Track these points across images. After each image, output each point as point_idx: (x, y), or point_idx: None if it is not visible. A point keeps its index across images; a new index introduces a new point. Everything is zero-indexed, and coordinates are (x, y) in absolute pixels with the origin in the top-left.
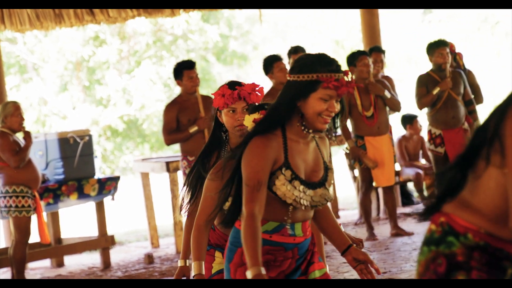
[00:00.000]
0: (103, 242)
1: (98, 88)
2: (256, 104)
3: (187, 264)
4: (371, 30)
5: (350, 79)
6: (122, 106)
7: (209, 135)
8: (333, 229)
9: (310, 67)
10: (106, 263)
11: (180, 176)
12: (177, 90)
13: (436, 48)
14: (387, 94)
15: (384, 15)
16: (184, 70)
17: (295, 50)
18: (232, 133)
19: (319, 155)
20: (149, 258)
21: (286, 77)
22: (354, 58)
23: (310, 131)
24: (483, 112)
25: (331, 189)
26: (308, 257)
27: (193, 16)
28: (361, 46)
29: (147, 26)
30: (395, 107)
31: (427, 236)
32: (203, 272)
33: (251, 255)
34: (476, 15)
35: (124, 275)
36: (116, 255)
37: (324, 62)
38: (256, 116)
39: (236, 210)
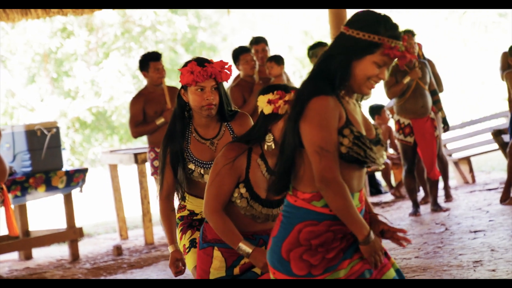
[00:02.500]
0: (72, 234)
1: (66, 80)
2: (271, 85)
3: (177, 248)
4: (339, 21)
5: (405, 49)
6: (91, 98)
7: (173, 114)
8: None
9: (373, 27)
10: (75, 255)
11: (149, 168)
12: (146, 82)
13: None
14: None
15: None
16: (150, 62)
17: (256, 41)
18: (197, 112)
19: (363, 114)
20: (118, 250)
21: (253, 70)
22: (315, 49)
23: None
24: (445, 100)
25: (384, 147)
26: None
27: None
28: (329, 37)
29: (115, 18)
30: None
31: None
32: (253, 245)
33: (359, 221)
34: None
35: (92, 267)
36: (85, 247)
37: (388, 25)
38: (270, 96)
39: (287, 179)
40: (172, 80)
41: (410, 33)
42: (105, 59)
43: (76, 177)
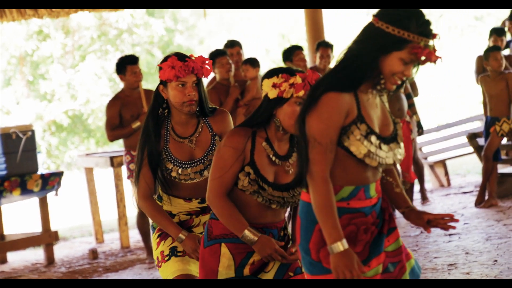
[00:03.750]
0: (47, 238)
1: (42, 83)
2: (276, 67)
3: (186, 234)
4: (315, 25)
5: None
6: (67, 101)
7: (148, 112)
8: (392, 187)
9: (404, 23)
10: (50, 259)
11: (124, 171)
12: (122, 85)
13: None
14: None
15: (329, 9)
16: (127, 65)
17: (231, 44)
18: (178, 109)
19: (385, 108)
20: (93, 254)
21: (228, 73)
22: (290, 53)
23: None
24: (421, 104)
25: (402, 144)
26: (386, 217)
27: (138, 10)
28: (305, 40)
29: (92, 20)
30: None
31: None
32: (259, 233)
33: (334, 226)
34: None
35: (68, 270)
36: (60, 251)
37: (419, 22)
38: (275, 80)
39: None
40: (149, 83)
41: None
42: (82, 62)
43: (51, 180)
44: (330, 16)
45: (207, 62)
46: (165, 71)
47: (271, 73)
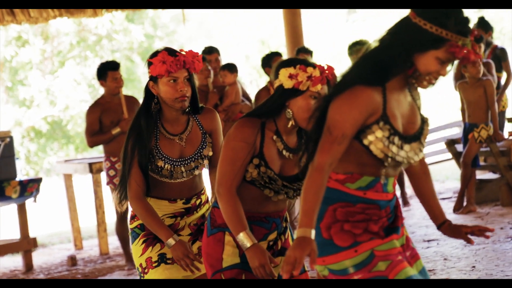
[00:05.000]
0: (25, 245)
1: (21, 89)
2: (292, 58)
3: (177, 239)
4: (294, 30)
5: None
6: (46, 107)
7: (139, 109)
8: (430, 197)
9: (442, 20)
10: (29, 266)
11: (104, 177)
12: (102, 91)
13: (360, 47)
14: None
15: (309, 14)
16: (108, 71)
17: (209, 51)
18: (169, 105)
19: (415, 105)
20: (72, 260)
21: (207, 79)
22: (269, 60)
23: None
24: None
25: (424, 143)
26: (399, 213)
27: (117, 16)
28: (285, 46)
29: (71, 26)
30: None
31: None
32: (255, 240)
33: (307, 213)
34: (399, 15)
35: (46, 277)
36: (39, 258)
37: (458, 20)
38: (292, 71)
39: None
40: (129, 89)
41: (366, 44)
42: (61, 68)
43: (30, 187)
44: (309, 22)
45: (197, 56)
46: (156, 67)
47: (289, 63)
